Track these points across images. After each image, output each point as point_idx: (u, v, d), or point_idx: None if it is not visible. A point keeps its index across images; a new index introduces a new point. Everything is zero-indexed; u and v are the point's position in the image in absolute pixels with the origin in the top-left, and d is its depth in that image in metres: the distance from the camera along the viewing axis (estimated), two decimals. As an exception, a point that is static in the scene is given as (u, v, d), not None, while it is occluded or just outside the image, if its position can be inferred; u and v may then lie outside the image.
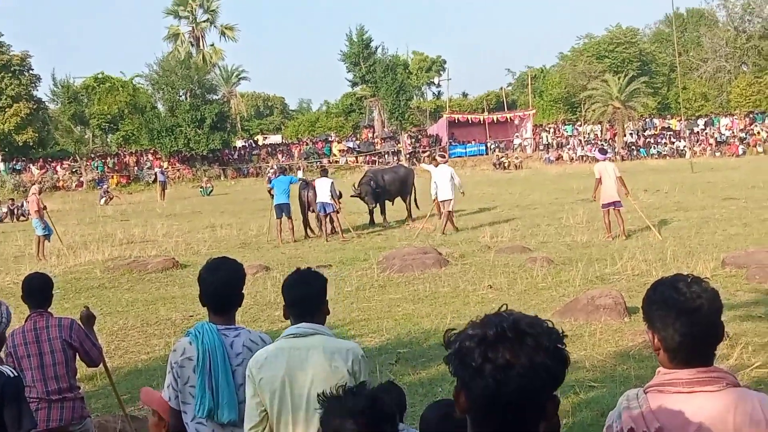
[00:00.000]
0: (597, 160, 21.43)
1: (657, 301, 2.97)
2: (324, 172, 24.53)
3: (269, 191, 23.74)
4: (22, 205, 39.86)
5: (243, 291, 4.71)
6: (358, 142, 70.87)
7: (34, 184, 27.27)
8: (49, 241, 22.30)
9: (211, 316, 4.61)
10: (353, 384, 4.08)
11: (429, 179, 24.14)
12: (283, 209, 22.60)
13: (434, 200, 22.71)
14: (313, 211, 23.16)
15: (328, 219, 22.59)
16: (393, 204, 26.30)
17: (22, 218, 38.30)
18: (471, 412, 2.10)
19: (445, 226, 22.08)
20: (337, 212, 22.40)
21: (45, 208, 22.81)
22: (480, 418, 2.09)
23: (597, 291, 11.85)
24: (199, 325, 4.57)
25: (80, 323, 6.37)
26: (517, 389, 1.99)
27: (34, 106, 63.03)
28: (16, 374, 4.31)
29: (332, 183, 22.64)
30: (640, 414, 2.93)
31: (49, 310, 6.34)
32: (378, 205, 25.02)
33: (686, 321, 2.87)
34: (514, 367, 1.99)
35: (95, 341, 6.39)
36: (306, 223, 23.53)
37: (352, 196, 25.17)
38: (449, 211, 22.26)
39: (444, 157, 28.08)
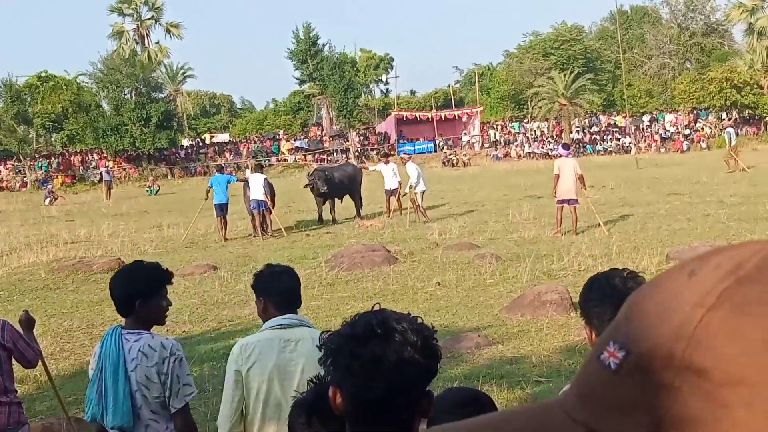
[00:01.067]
0: (560, 155, 21.51)
1: (593, 298, 3.00)
2: (258, 168, 25.01)
3: (207, 191, 23.85)
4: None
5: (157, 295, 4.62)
6: (306, 140, 70.72)
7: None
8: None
9: (125, 320, 4.60)
10: None
11: (378, 178, 24.82)
12: (222, 208, 22.81)
13: (411, 189, 23.97)
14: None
15: (260, 216, 22.65)
16: (341, 202, 26.39)
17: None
18: (346, 412, 2.11)
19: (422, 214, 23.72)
20: (270, 210, 22.54)
21: None
22: (355, 416, 2.10)
23: (543, 287, 11.96)
24: (110, 329, 4.57)
25: (13, 325, 6.21)
26: (386, 385, 2.01)
27: (-24, 106, 62.06)
28: None
29: (265, 179, 22.82)
30: None
31: None
32: (326, 202, 25.07)
33: None
34: (383, 363, 2.01)
35: (31, 342, 6.24)
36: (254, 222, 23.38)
37: (305, 186, 25.42)
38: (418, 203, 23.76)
39: (410, 155, 29.26)
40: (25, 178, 60.47)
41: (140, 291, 4.56)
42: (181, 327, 12.19)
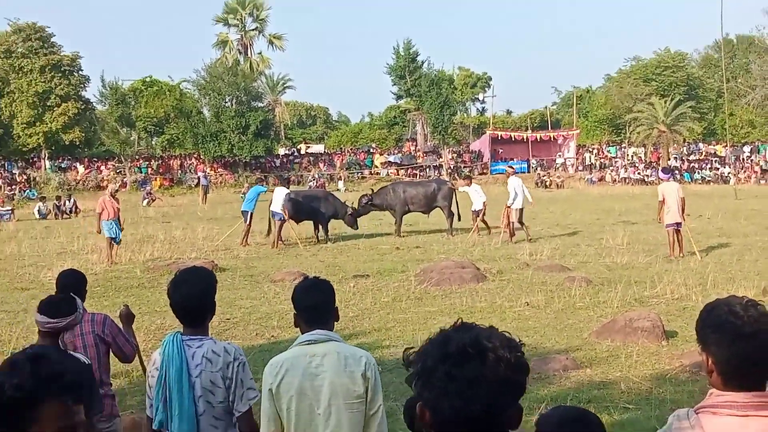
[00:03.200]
0: (661, 180, 21.55)
1: (712, 324, 2.94)
2: (283, 182, 26.04)
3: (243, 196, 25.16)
4: (65, 203, 40.41)
5: (214, 300, 4.72)
6: (400, 154, 70.97)
7: (110, 185, 26.82)
8: (117, 245, 21.40)
9: (183, 326, 4.65)
10: (367, 388, 4.16)
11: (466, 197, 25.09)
12: (246, 215, 24.40)
13: (507, 207, 23.94)
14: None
15: (276, 226, 23.65)
16: (428, 217, 26.88)
17: (65, 216, 38.77)
18: (435, 428, 2.10)
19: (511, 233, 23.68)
20: (283, 221, 23.46)
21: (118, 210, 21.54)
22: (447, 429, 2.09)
23: (635, 313, 11.76)
24: (169, 335, 4.61)
25: (114, 319, 6.40)
26: (484, 405, 2.01)
27: (82, 107, 63.86)
28: (89, 362, 4.92)
29: (288, 193, 23.93)
30: None
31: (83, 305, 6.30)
32: (397, 216, 26.00)
33: (743, 345, 2.83)
34: (480, 384, 2.01)
35: (129, 338, 6.40)
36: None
37: (359, 215, 26.35)
38: (512, 221, 23.77)
39: (512, 168, 29.98)
40: (125, 179, 61.99)
41: (211, 299, 4.70)
42: (270, 332, 12.35)
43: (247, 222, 24.39)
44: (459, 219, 25.61)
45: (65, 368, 2.38)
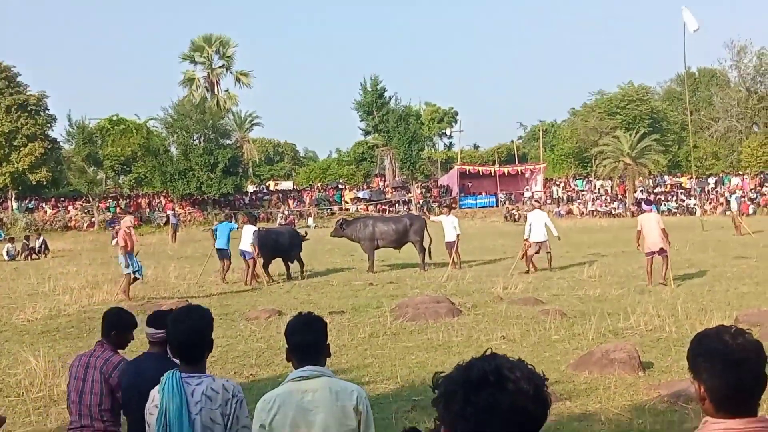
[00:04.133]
0: (643, 211, 22.64)
1: (703, 353, 3.04)
2: (251, 220, 25.90)
3: (212, 233, 26.18)
4: (35, 242, 40.06)
5: (212, 338, 4.79)
6: (369, 190, 71.17)
7: (126, 216, 26.59)
8: (141, 278, 21.56)
9: (181, 364, 4.71)
10: (359, 421, 4.24)
11: (440, 229, 25.33)
12: (222, 253, 24.61)
13: (525, 240, 24.49)
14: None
15: (247, 263, 23.85)
16: (399, 252, 27.06)
17: (35, 256, 38.42)
18: None
19: (531, 262, 24.22)
20: (254, 260, 23.66)
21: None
22: None
23: (611, 345, 11.87)
24: (168, 373, 4.66)
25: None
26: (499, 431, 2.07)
27: (49, 146, 63.50)
28: None
29: (255, 231, 24.00)
30: None
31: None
32: (368, 251, 26.23)
33: (733, 372, 2.93)
34: (496, 412, 2.06)
35: None
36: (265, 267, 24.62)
37: (332, 235, 27.61)
38: (535, 252, 24.38)
39: (539, 203, 31.37)
40: (93, 218, 61.61)
41: (209, 337, 4.78)
42: (248, 370, 12.32)
43: (228, 259, 24.61)
44: (430, 256, 25.85)
45: None
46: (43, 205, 64.28)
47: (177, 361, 5.21)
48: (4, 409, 10.64)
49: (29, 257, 38.23)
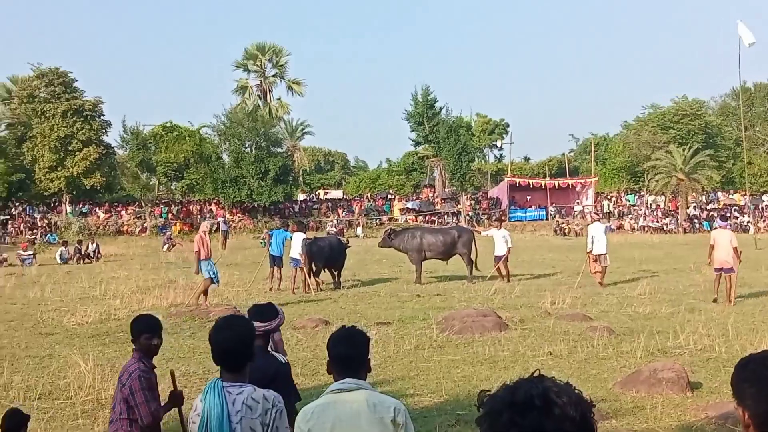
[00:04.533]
0: (717, 227, 23.04)
1: (749, 379, 2.98)
2: (300, 227, 26.69)
3: (265, 239, 27.47)
4: (88, 247, 40.64)
5: (253, 347, 4.82)
6: (418, 201, 71.10)
7: (204, 221, 26.89)
8: (216, 285, 21.71)
9: (222, 373, 4.75)
10: None
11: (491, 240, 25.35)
12: (275, 260, 25.21)
13: (588, 253, 24.52)
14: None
15: (296, 271, 24.57)
16: (447, 264, 27.08)
17: (87, 260, 38.98)
18: None
19: (603, 277, 24.13)
20: (302, 268, 24.20)
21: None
22: None
23: (659, 364, 11.74)
24: (210, 382, 4.73)
25: (142, 377, 6.01)
26: None
27: (104, 151, 64.17)
28: (286, 362, 6.31)
29: (305, 239, 24.64)
30: None
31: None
32: (415, 263, 26.26)
33: None
34: None
35: (147, 402, 5.96)
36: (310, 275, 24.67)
37: (380, 245, 28.06)
38: (604, 266, 24.36)
39: (598, 215, 31.78)
40: (145, 224, 62.29)
41: (251, 347, 4.81)
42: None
43: (279, 267, 25.27)
44: (478, 269, 25.80)
45: None
46: (97, 209, 65.06)
47: (279, 356, 6.25)
48: (53, 411, 10.82)
49: (82, 261, 38.80)
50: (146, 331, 6.19)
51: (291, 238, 25.40)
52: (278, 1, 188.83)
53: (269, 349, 6.38)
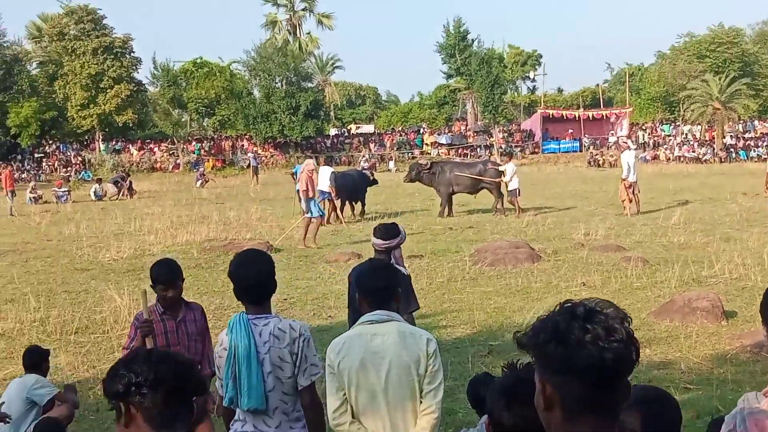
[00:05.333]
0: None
1: None
2: (328, 161, 27.29)
3: (293, 175, 27.46)
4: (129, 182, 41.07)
5: (275, 279, 4.81)
6: (450, 134, 70.72)
7: (307, 158, 26.77)
8: (323, 223, 21.35)
9: (246, 306, 4.76)
10: (427, 366, 4.22)
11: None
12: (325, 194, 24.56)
13: (623, 180, 24.57)
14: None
15: (324, 203, 24.05)
16: (475, 197, 27.00)
17: (122, 197, 39.32)
18: (556, 402, 2.10)
19: (638, 206, 24.66)
20: (331, 200, 24.34)
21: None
22: (569, 407, 2.08)
23: (694, 293, 11.67)
24: (235, 316, 4.74)
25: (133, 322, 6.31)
26: (617, 358, 1.99)
27: (135, 89, 64.43)
28: (408, 273, 7.31)
29: (332, 172, 24.39)
30: None
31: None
32: (442, 196, 26.14)
33: None
34: (614, 335, 1.99)
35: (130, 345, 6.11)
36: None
37: (405, 180, 28.33)
38: (637, 195, 24.79)
39: (628, 143, 30.67)
40: (178, 161, 62.61)
41: (273, 279, 4.80)
42: (326, 312, 12.48)
43: (323, 200, 24.67)
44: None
45: None
46: (130, 146, 65.49)
47: (401, 269, 6.96)
48: (89, 345, 10.97)
49: (129, 195, 39.30)
50: (160, 282, 6.06)
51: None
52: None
53: (394, 264, 6.65)
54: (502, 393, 3.09)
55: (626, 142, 31.96)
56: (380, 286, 4.50)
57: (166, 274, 6.08)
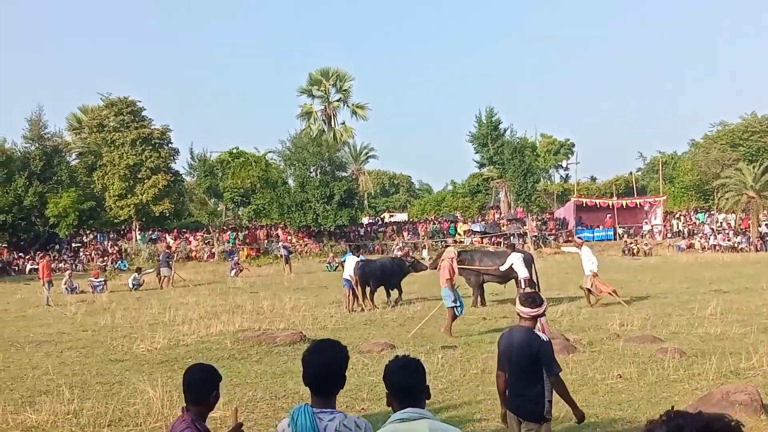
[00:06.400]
0: None
1: None
2: (355, 250, 27.95)
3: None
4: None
5: (345, 374, 4.77)
6: (483, 222, 70.85)
7: (447, 246, 26.65)
8: (460, 314, 20.12)
9: (312, 397, 4.72)
10: None
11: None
12: (348, 282, 25.86)
13: (595, 275, 24.52)
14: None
15: (348, 292, 25.71)
16: (505, 287, 27.32)
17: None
18: None
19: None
20: (353, 289, 25.72)
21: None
22: None
23: (732, 386, 11.48)
24: (298, 406, 4.67)
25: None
26: None
27: (172, 179, 65.27)
28: (548, 340, 7.64)
29: (358, 262, 25.96)
30: None
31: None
32: (473, 286, 26.35)
33: None
34: None
35: None
36: (363, 296, 26.05)
37: (431, 267, 27.18)
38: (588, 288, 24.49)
39: (581, 239, 30.76)
40: (213, 249, 63.04)
41: (344, 372, 4.77)
42: (359, 404, 12.37)
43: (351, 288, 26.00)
44: (538, 288, 25.43)
45: None
46: (166, 236, 66.11)
47: (543, 336, 7.65)
48: (123, 437, 10.94)
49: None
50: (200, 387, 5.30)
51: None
52: (342, 25, 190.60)
53: (535, 330, 7.75)
54: None
55: (581, 238, 31.62)
56: (405, 385, 4.50)
57: (211, 374, 5.38)
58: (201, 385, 5.25)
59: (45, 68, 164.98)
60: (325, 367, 4.69)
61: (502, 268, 25.03)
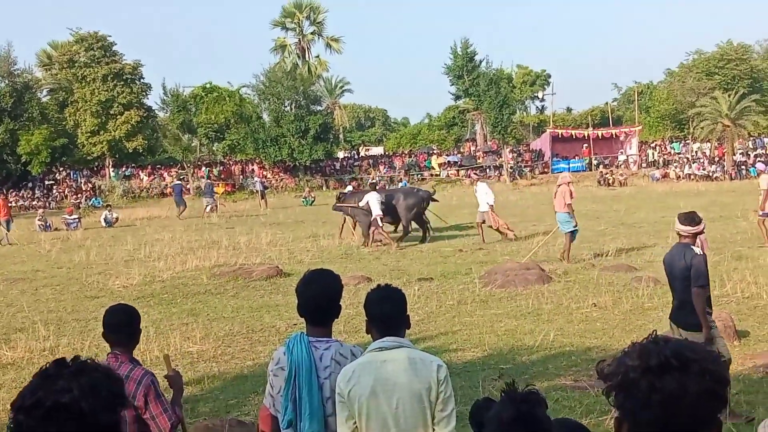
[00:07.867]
0: (761, 172, 22.60)
1: None
2: (372, 186, 27.66)
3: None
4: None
5: (340, 303, 4.77)
6: (459, 155, 70.79)
7: (564, 172, 25.90)
8: (573, 240, 19.86)
9: (308, 327, 4.69)
10: (438, 393, 4.19)
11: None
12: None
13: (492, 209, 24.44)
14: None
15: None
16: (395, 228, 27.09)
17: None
18: None
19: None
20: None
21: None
22: None
23: (706, 313, 11.57)
24: (294, 335, 4.67)
25: (155, 381, 5.05)
26: (688, 418, 1.97)
27: (145, 114, 64.47)
28: (702, 253, 8.25)
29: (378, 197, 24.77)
30: None
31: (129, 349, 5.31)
32: (363, 226, 25.56)
33: None
34: (684, 396, 1.96)
35: (167, 406, 5.02)
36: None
37: (333, 209, 27.68)
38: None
39: (477, 175, 30.28)
40: (187, 186, 62.69)
41: (339, 302, 4.76)
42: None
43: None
44: (430, 233, 25.50)
45: None
46: (140, 172, 65.62)
47: (696, 249, 8.16)
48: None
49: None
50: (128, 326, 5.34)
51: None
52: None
53: (692, 246, 8.22)
54: (474, 415, 3.05)
55: (476, 173, 31.63)
56: (386, 314, 4.44)
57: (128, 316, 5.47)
58: (131, 326, 5.38)
59: (13, 2, 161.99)
60: (320, 297, 4.67)
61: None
